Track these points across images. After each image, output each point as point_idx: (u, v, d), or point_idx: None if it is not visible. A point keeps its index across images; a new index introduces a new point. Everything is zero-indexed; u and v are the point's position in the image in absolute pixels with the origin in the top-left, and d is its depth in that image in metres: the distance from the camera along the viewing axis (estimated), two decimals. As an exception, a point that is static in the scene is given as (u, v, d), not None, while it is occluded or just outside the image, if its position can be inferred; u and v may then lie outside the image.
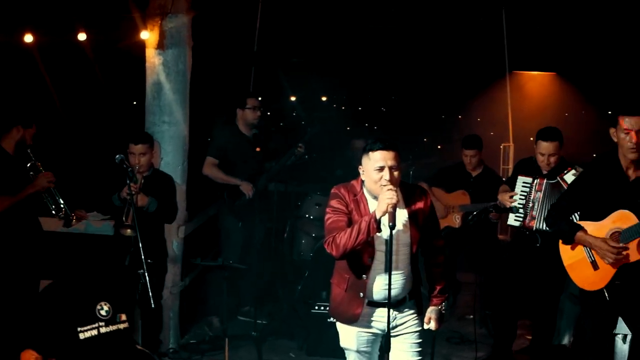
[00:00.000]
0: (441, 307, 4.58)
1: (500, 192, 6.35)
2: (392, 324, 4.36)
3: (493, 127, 10.26)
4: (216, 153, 7.30)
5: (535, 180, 6.07)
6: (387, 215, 4.08)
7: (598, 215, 4.77)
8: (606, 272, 4.73)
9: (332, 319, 4.83)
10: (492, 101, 10.44)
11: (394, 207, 4.09)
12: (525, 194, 6.11)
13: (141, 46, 6.65)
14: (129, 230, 5.67)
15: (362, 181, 4.40)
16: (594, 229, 4.77)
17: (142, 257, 4.99)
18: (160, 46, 6.54)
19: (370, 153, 4.28)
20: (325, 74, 10.78)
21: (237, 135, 7.38)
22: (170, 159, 6.68)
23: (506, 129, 9.60)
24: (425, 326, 4.55)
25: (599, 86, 10.40)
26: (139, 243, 5.02)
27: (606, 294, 4.76)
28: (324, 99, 12.53)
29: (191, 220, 7.12)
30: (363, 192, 4.40)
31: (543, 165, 6.11)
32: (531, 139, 6.16)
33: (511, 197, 6.15)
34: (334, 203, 4.39)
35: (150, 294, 4.90)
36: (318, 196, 8.20)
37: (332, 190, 4.44)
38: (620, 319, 4.85)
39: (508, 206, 6.19)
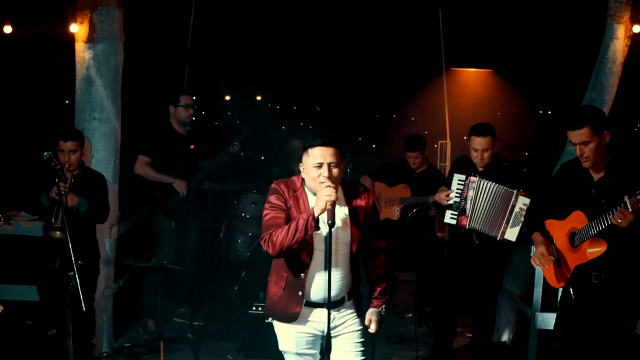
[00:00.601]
0: (381, 309, 4.49)
1: (438, 192, 6.32)
2: (332, 325, 4.24)
3: (429, 124, 10.28)
4: (148, 151, 7.09)
5: (468, 178, 6.03)
6: (326, 213, 3.97)
7: (562, 214, 4.83)
8: (566, 272, 4.80)
9: (270, 319, 4.68)
10: (429, 99, 10.48)
11: (333, 204, 3.98)
12: (460, 191, 6.07)
13: (70, 40, 6.42)
14: (58, 232, 5.42)
15: (303, 178, 4.30)
16: (558, 226, 4.84)
17: (72, 258, 4.77)
18: (91, 40, 6.32)
19: (310, 149, 4.18)
20: (259, 72, 10.65)
21: (171, 133, 7.18)
22: (102, 157, 6.47)
23: (442, 126, 9.62)
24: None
25: (535, 83, 10.51)
26: (69, 244, 4.80)
27: (571, 292, 4.81)
28: (258, 98, 12.41)
29: (124, 220, 6.91)
30: (304, 188, 4.29)
31: (477, 161, 6.08)
32: (465, 138, 6.12)
33: (447, 195, 6.11)
34: (272, 199, 4.26)
35: (81, 296, 4.68)
36: (254, 194, 8.08)
37: (272, 186, 4.32)
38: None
39: (445, 204, 6.16)
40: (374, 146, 12.91)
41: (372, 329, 4.42)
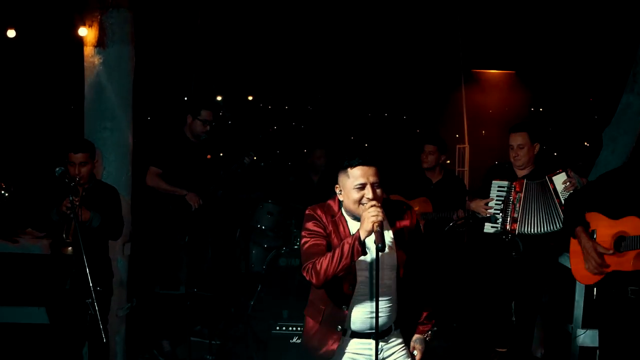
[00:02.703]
0: (426, 336, 4.17)
1: (472, 201, 6.05)
2: (379, 357, 3.90)
3: (446, 129, 9.95)
4: (159, 162, 6.72)
5: (513, 183, 5.82)
6: (373, 235, 3.62)
7: (614, 213, 4.61)
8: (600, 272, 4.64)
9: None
10: (441, 101, 10.17)
11: (381, 225, 3.62)
12: (502, 198, 5.81)
13: (78, 44, 6.07)
14: (69, 249, 5.11)
15: (340, 201, 3.95)
16: (606, 224, 4.62)
17: (90, 284, 4.37)
18: (101, 44, 5.96)
19: (349, 170, 3.83)
20: (251, 72, 10.37)
21: (184, 143, 6.83)
22: (114, 169, 6.11)
23: (460, 130, 9.32)
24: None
25: (556, 85, 10.20)
26: (85, 268, 4.41)
27: (594, 292, 4.75)
28: (250, 98, 12.16)
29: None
30: (342, 213, 3.96)
31: (514, 161, 5.87)
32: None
33: (486, 204, 5.83)
34: (310, 225, 3.92)
35: (102, 326, 4.29)
36: (270, 205, 7.74)
37: (307, 212, 3.98)
38: None
39: (485, 215, 5.88)
40: (365, 145, 12.66)
41: (417, 357, 4.09)
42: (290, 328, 5.86)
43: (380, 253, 3.66)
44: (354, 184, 3.80)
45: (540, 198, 5.69)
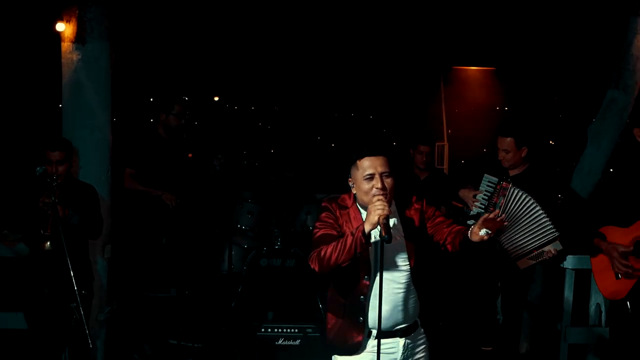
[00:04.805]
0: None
1: (463, 189, 6.01)
2: (403, 356, 3.88)
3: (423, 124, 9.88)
4: (134, 162, 6.59)
5: (500, 183, 5.68)
6: (379, 227, 3.56)
7: (624, 220, 4.52)
8: (626, 283, 4.51)
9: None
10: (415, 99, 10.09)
11: (387, 218, 3.56)
12: (489, 194, 5.75)
13: (55, 39, 5.89)
14: (48, 243, 4.92)
15: (354, 194, 3.95)
16: (620, 233, 4.54)
17: (75, 288, 4.21)
18: (79, 40, 5.76)
19: (358, 162, 3.86)
20: (216, 72, 10.25)
21: (158, 141, 6.72)
22: (93, 169, 5.94)
23: (439, 127, 9.25)
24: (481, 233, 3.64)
25: (539, 83, 10.17)
26: (69, 271, 4.24)
27: (628, 305, 4.51)
28: (216, 98, 12.04)
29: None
30: (356, 205, 3.95)
31: (502, 162, 5.79)
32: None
33: (474, 196, 5.79)
34: (323, 216, 3.95)
35: (88, 331, 4.13)
36: (250, 204, 7.60)
37: (322, 204, 4.01)
38: None
39: (470, 203, 5.86)
40: (333, 145, 12.59)
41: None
42: (275, 330, 5.77)
43: (387, 245, 3.62)
44: (363, 175, 3.82)
45: (522, 217, 5.51)
